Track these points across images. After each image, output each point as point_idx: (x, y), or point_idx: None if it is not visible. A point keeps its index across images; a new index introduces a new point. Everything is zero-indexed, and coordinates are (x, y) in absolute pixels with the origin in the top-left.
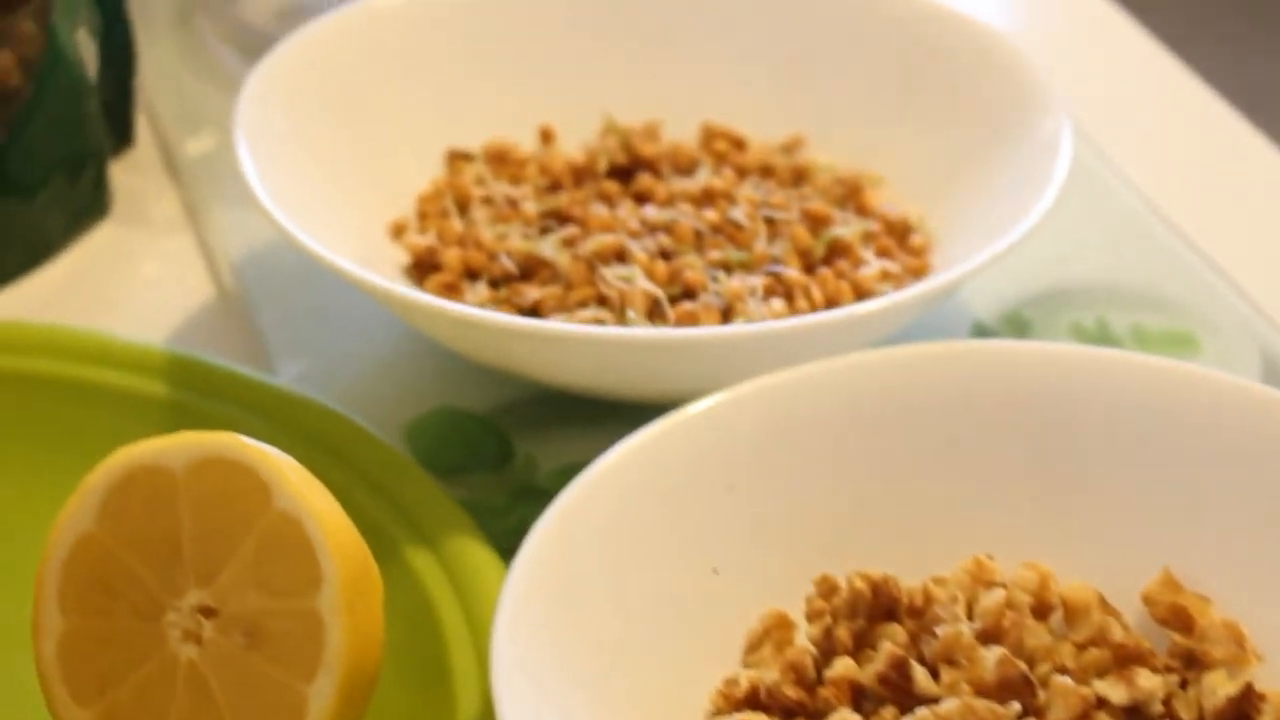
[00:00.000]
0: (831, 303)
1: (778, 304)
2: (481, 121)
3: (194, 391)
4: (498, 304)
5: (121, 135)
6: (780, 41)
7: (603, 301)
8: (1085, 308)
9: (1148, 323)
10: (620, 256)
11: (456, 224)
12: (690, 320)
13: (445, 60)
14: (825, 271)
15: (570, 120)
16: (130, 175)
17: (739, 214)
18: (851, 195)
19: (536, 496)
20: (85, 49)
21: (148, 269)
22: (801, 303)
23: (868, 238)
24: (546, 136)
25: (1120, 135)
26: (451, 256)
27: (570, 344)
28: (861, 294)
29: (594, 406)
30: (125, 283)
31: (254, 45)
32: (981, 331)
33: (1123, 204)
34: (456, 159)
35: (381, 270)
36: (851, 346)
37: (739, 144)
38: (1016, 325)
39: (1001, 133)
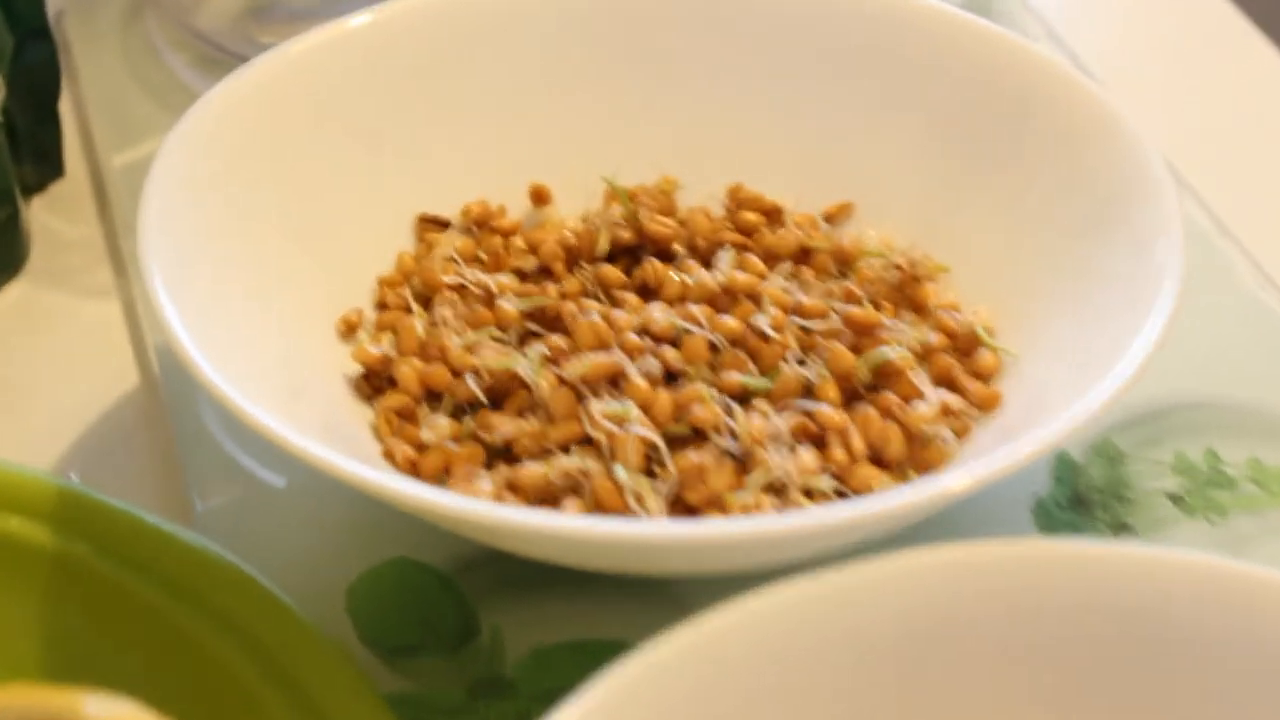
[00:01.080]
0: (875, 452)
1: (807, 455)
2: (461, 181)
3: (82, 540)
4: (460, 440)
5: (47, 167)
6: (827, 84)
7: (589, 440)
8: (1192, 434)
9: (1268, 458)
10: (615, 381)
11: (418, 325)
12: (696, 477)
13: (418, 103)
14: (869, 410)
15: (569, 177)
16: (55, 215)
17: (765, 323)
18: (907, 287)
19: (501, 691)
20: None
21: (62, 341)
22: (837, 451)
23: (925, 353)
24: (539, 198)
25: (1251, 210)
26: (408, 374)
27: (532, 538)
28: (913, 439)
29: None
30: (32, 361)
31: (209, 55)
32: (1064, 466)
33: (1247, 297)
34: (428, 227)
35: (326, 384)
36: (890, 530)
37: (772, 214)
38: (1107, 457)
39: (1098, 222)
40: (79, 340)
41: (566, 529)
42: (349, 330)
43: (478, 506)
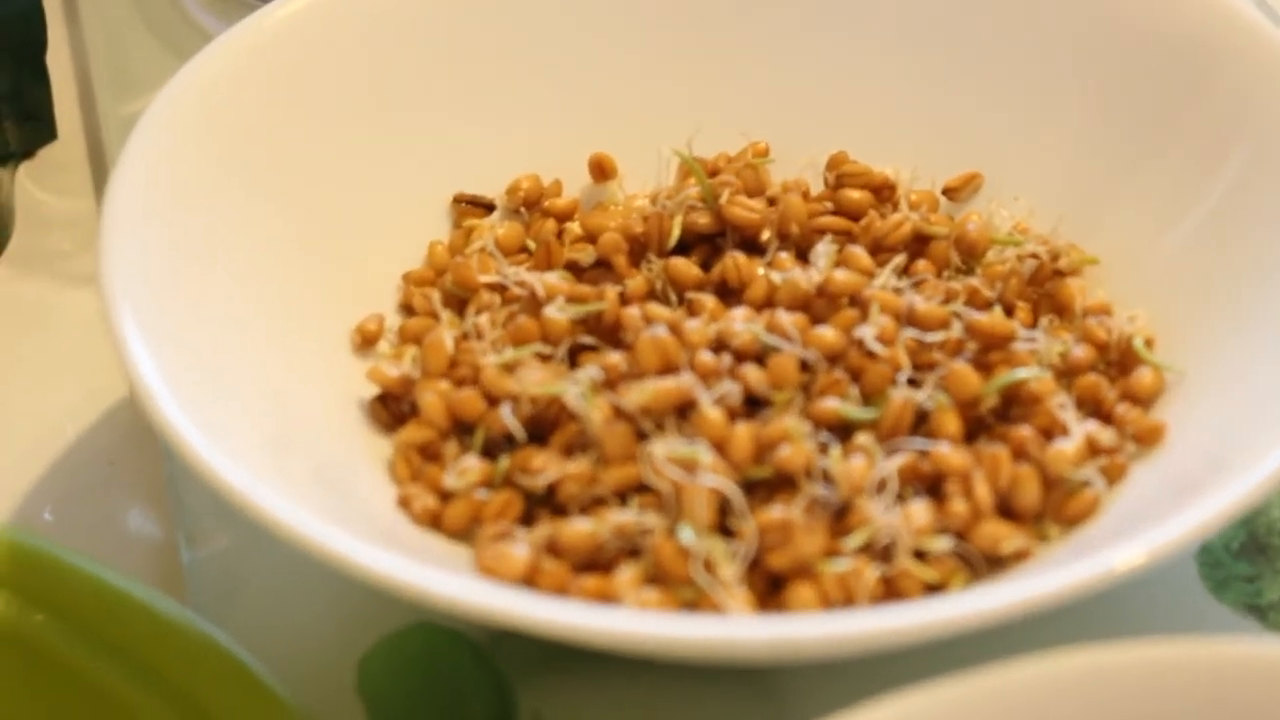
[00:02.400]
0: (1005, 502)
1: (919, 508)
2: (507, 152)
3: (37, 608)
4: (493, 485)
5: (35, 129)
6: (948, 26)
7: (648, 487)
8: None
9: None
10: (683, 410)
11: (447, 339)
12: (780, 537)
13: (460, 58)
14: (998, 449)
15: (638, 145)
16: (43, 186)
17: (871, 335)
18: (1047, 284)
19: None
20: None
21: (42, 342)
22: (958, 503)
23: (1068, 369)
24: (602, 171)
25: None
26: (433, 403)
27: (564, 635)
28: (1053, 485)
29: None
30: (6, 365)
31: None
32: None
33: None
34: (467, 210)
35: (333, 413)
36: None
37: (882, 191)
38: None
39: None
40: (61, 341)
41: (603, 629)
42: (366, 342)
43: (492, 599)
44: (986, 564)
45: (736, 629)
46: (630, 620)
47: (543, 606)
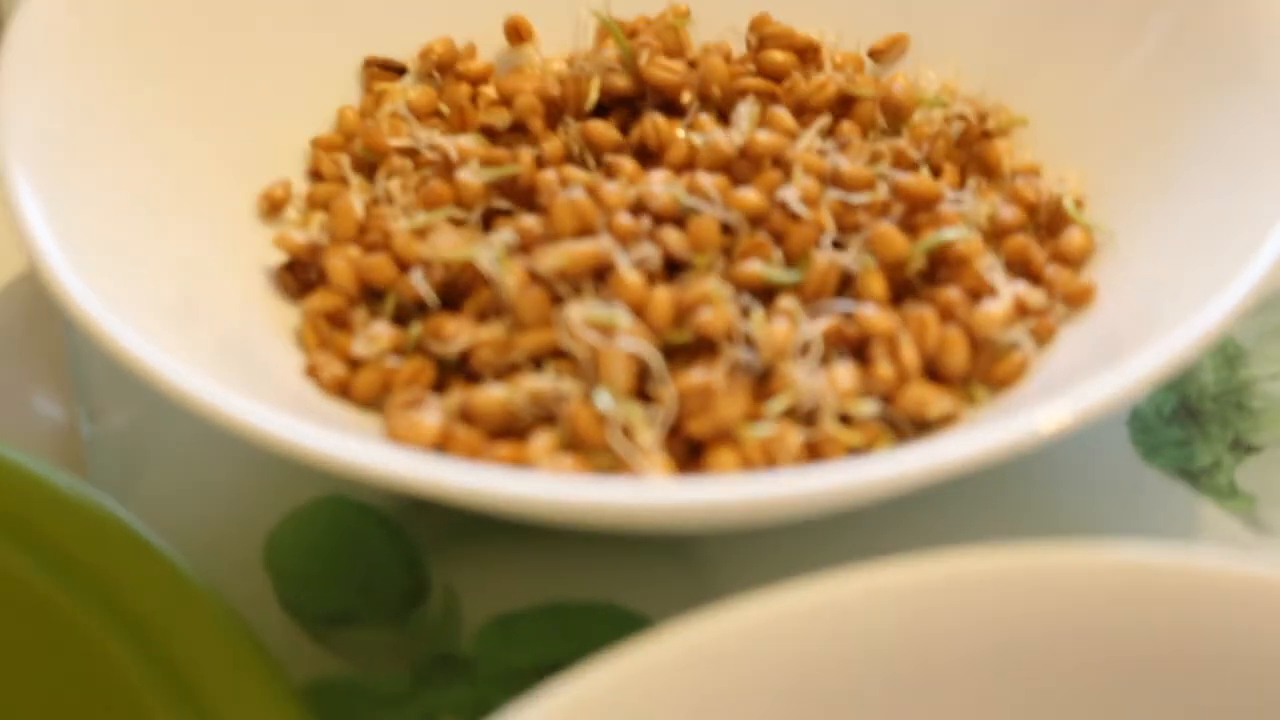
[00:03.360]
0: (932, 364)
1: (844, 371)
2: (419, 15)
3: None
4: (404, 352)
5: None
6: None
7: (564, 353)
8: None
9: None
10: (601, 275)
11: (356, 203)
12: (701, 402)
13: None
14: (924, 311)
15: (553, 7)
16: None
17: (794, 196)
18: (974, 145)
19: (454, 672)
20: None
21: None
22: (883, 366)
23: (996, 231)
24: (517, 34)
25: None
26: (341, 268)
27: (474, 501)
28: (981, 347)
29: None
30: None
31: None
32: None
33: None
34: (378, 74)
35: (237, 280)
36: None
37: (806, 53)
38: (1224, 356)
39: (1228, 75)
40: None
41: (517, 494)
42: (273, 208)
43: (404, 465)
44: (913, 428)
45: (654, 492)
46: (545, 485)
47: (455, 471)
